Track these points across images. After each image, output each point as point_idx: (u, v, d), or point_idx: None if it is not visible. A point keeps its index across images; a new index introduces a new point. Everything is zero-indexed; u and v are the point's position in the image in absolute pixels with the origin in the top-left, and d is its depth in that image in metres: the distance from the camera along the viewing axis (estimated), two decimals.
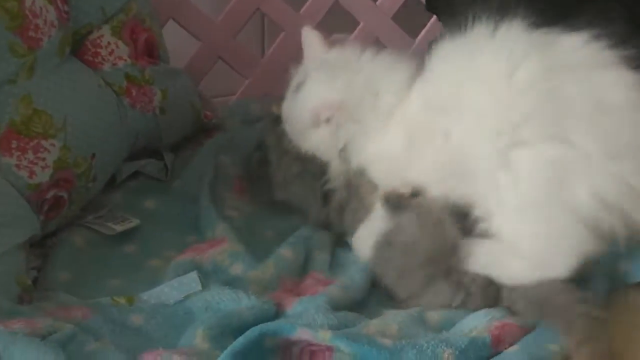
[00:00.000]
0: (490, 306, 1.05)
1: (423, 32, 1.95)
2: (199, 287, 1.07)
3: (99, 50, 1.34)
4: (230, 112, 1.71)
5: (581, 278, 1.01)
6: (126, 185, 1.41)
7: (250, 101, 1.75)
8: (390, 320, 1.03)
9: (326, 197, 1.26)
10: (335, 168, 1.24)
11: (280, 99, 1.30)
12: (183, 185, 1.44)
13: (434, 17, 1.92)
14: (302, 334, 0.93)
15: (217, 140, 1.58)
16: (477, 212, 1.04)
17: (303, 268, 1.23)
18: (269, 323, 0.96)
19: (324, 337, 0.93)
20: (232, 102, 1.75)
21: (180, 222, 1.35)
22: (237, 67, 1.74)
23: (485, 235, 1.04)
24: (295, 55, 1.74)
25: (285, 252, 1.21)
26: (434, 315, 1.07)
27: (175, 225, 1.34)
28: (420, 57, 1.22)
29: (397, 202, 1.13)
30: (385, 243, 1.13)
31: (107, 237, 1.24)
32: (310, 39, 1.29)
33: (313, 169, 1.27)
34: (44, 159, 1.14)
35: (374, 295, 1.16)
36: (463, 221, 1.07)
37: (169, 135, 1.48)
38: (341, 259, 1.25)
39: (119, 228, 1.25)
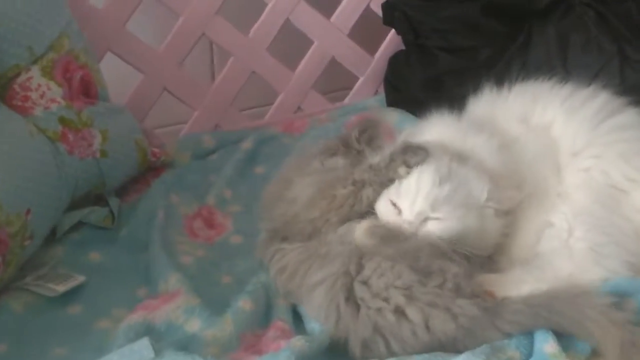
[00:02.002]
0: None
1: (382, 47, 1.92)
2: (151, 355, 1.02)
3: (28, 93, 1.29)
4: (180, 146, 1.67)
5: None
6: (68, 238, 1.36)
7: (202, 134, 1.70)
8: None
9: None
10: None
11: None
12: (131, 233, 1.40)
13: (392, 31, 1.89)
14: None
15: (166, 179, 1.54)
16: None
17: (265, 318, 1.19)
18: None
19: None
20: (181, 136, 1.70)
21: (130, 274, 1.31)
22: (185, 98, 1.70)
23: None
24: (247, 82, 1.72)
25: (244, 303, 1.17)
26: None
27: (124, 279, 1.29)
28: None
29: None
30: None
31: (49, 300, 1.19)
32: None
33: None
34: None
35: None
36: None
37: (113, 180, 1.43)
38: None
39: (62, 288, 1.20)
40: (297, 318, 1.20)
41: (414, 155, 1.20)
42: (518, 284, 1.12)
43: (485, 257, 1.19)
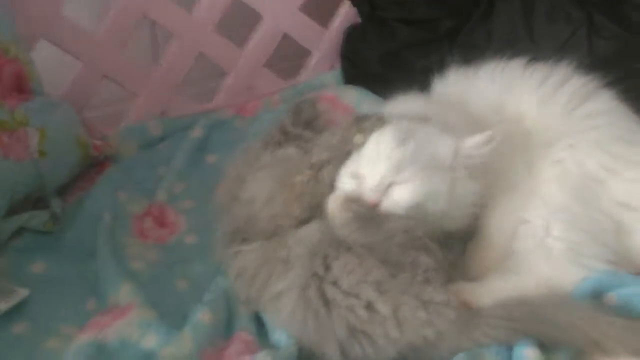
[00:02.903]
0: None
1: (336, 20, 1.85)
2: None
3: None
4: (125, 136, 1.60)
5: None
6: (9, 247, 1.28)
7: (147, 122, 1.62)
8: None
9: None
10: None
11: None
12: (76, 238, 1.33)
13: (347, 3, 1.83)
14: None
15: (111, 175, 1.47)
16: None
17: (227, 328, 1.15)
18: None
19: None
20: (125, 125, 1.61)
21: (76, 285, 1.24)
22: (127, 84, 1.61)
23: None
24: (194, 65, 1.64)
25: (204, 315, 1.12)
26: None
27: (71, 290, 1.23)
28: None
29: None
30: None
31: None
32: None
33: None
34: None
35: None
36: None
37: (54, 180, 1.36)
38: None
39: (4, 306, 1.13)
40: (260, 325, 1.16)
41: (366, 120, 1.15)
42: (495, 293, 1.09)
43: (459, 239, 1.17)
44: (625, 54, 1.56)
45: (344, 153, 1.15)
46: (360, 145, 1.14)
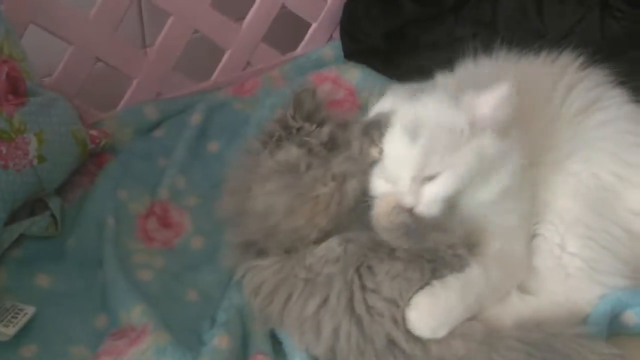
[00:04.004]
0: None
1: None
2: None
3: None
4: (120, 122, 1.55)
5: None
6: (9, 258, 1.26)
7: (143, 105, 1.58)
8: None
9: None
10: None
11: None
12: (79, 244, 1.31)
13: None
14: None
15: (110, 171, 1.44)
16: None
17: (242, 350, 1.15)
18: None
19: None
20: (120, 109, 1.57)
21: (84, 299, 1.24)
22: (121, 66, 1.55)
23: None
24: (188, 43, 1.59)
25: (220, 340, 1.13)
26: None
27: (79, 306, 1.22)
28: None
29: None
30: None
31: None
32: None
33: None
34: None
35: None
36: None
37: (53, 182, 1.33)
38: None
39: (12, 330, 1.12)
40: (275, 343, 1.17)
41: (375, 129, 1.12)
42: (515, 314, 1.10)
43: None
44: (638, 35, 1.53)
45: (366, 166, 1.13)
46: (378, 156, 1.12)
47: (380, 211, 1.08)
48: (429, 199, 1.06)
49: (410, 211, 1.06)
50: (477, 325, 1.06)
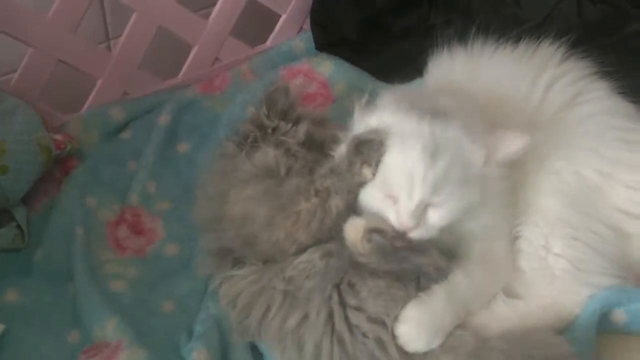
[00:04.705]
0: None
1: None
2: None
3: None
4: (86, 125, 1.51)
5: None
6: None
7: (109, 106, 1.53)
8: None
9: None
10: None
11: None
12: (47, 256, 1.28)
13: None
14: None
15: (77, 177, 1.40)
16: None
17: None
18: None
19: None
20: (85, 110, 1.52)
21: (55, 314, 1.21)
22: (84, 67, 1.50)
23: None
24: (153, 39, 1.54)
25: (199, 355, 1.10)
26: None
27: (50, 321, 1.19)
28: None
29: None
30: None
31: None
32: None
33: None
34: None
35: None
36: None
37: (17, 192, 1.30)
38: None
39: None
40: (256, 355, 1.15)
41: (367, 147, 1.08)
42: (502, 322, 1.08)
43: None
44: (615, 19, 1.51)
45: (353, 185, 1.09)
46: (370, 178, 1.08)
47: (352, 237, 1.06)
48: (431, 225, 1.04)
49: (395, 232, 1.04)
50: (466, 337, 1.04)
